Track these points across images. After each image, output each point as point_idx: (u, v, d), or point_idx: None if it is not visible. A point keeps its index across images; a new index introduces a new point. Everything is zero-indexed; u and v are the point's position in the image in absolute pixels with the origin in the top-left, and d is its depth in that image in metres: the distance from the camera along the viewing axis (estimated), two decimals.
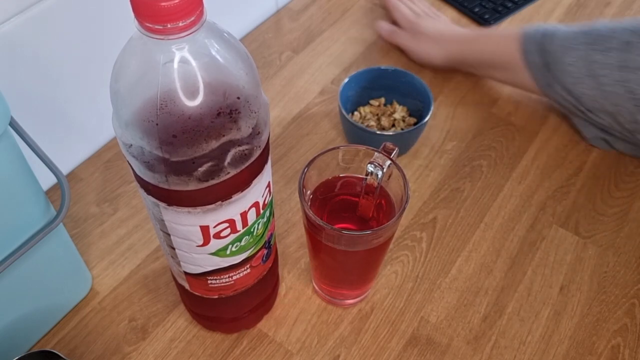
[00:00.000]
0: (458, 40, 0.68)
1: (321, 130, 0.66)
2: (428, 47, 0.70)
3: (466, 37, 0.68)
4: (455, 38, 0.69)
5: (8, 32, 0.47)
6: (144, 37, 0.28)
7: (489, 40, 0.66)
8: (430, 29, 0.70)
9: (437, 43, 0.69)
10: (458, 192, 0.60)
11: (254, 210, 0.37)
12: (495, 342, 0.50)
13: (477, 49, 0.67)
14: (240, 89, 0.31)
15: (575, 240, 0.56)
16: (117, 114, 0.31)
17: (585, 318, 0.51)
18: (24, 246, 0.40)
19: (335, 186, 0.47)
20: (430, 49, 0.70)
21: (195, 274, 0.41)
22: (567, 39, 0.58)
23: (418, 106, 0.62)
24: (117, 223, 0.57)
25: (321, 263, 0.48)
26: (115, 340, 0.49)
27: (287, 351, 0.49)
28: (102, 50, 0.55)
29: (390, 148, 0.43)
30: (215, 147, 0.31)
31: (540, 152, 0.64)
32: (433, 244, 0.56)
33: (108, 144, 0.64)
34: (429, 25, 0.71)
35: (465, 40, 0.68)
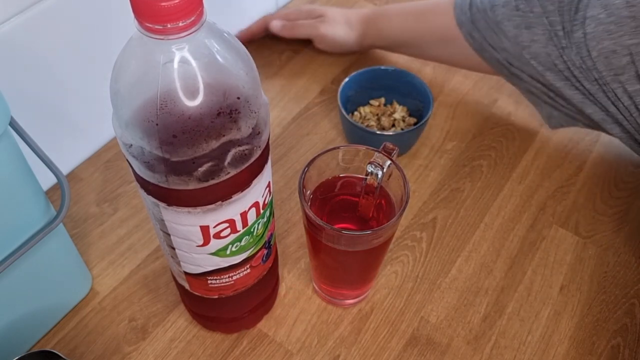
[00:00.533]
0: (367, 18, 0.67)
1: (321, 130, 0.66)
2: (339, 30, 0.68)
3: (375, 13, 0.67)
4: (364, 17, 0.67)
5: (8, 32, 0.47)
6: (144, 37, 0.28)
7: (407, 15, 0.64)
8: (337, 13, 0.69)
9: (347, 24, 0.68)
10: (458, 192, 0.60)
11: (254, 210, 0.37)
12: (495, 342, 0.50)
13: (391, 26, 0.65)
14: (240, 89, 0.31)
15: (575, 240, 0.56)
16: (117, 114, 0.31)
17: (585, 318, 0.51)
18: (24, 246, 0.40)
19: (335, 186, 0.47)
20: (341, 32, 0.68)
21: (195, 274, 0.41)
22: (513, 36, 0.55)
23: (418, 106, 0.62)
24: (117, 223, 0.57)
25: (321, 263, 0.48)
26: (115, 340, 0.49)
27: (287, 351, 0.49)
28: (102, 50, 0.55)
29: (390, 148, 0.43)
30: (215, 147, 0.31)
31: (540, 152, 0.64)
32: (433, 244, 0.56)
33: (108, 144, 0.64)
34: (334, 10, 0.69)
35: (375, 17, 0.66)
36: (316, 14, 0.70)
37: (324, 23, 0.68)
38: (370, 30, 0.67)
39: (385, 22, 0.66)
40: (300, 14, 0.72)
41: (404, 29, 0.65)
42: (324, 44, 0.70)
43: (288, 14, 0.72)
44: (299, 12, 0.72)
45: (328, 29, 0.68)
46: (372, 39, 0.68)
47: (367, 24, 0.67)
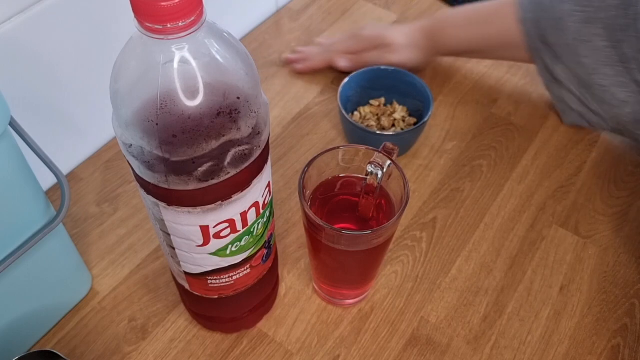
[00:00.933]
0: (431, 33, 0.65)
1: (321, 130, 0.66)
2: (406, 56, 0.66)
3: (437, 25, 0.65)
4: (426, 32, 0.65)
5: (8, 32, 0.47)
6: (144, 37, 0.28)
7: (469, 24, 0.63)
8: (399, 37, 0.66)
9: (413, 45, 0.66)
10: (458, 192, 0.60)
11: (254, 210, 0.37)
12: (495, 342, 0.50)
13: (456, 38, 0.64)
14: (240, 89, 0.31)
15: (575, 240, 0.56)
16: (117, 114, 0.31)
17: (585, 318, 0.51)
18: (24, 246, 0.40)
19: (335, 186, 0.47)
20: (409, 56, 0.66)
21: (195, 274, 0.41)
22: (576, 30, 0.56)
23: (418, 106, 0.62)
24: (117, 223, 0.57)
25: (321, 263, 0.48)
26: (115, 340, 0.49)
27: (287, 351, 0.49)
28: (102, 50, 0.55)
29: (390, 148, 0.43)
30: (215, 147, 0.31)
31: (540, 152, 0.64)
32: (433, 244, 0.56)
33: (108, 144, 0.64)
34: (396, 34, 0.66)
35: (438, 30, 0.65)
36: (379, 42, 0.66)
37: (391, 53, 0.66)
38: (435, 45, 0.66)
39: (449, 34, 0.65)
40: (361, 43, 0.68)
41: (469, 38, 0.64)
42: None
43: (349, 47, 0.68)
44: (360, 40, 0.68)
45: (396, 57, 0.66)
46: (438, 52, 0.67)
47: (432, 40, 0.65)
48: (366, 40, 0.67)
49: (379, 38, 0.66)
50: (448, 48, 0.66)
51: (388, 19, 0.80)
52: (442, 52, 0.67)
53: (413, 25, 0.67)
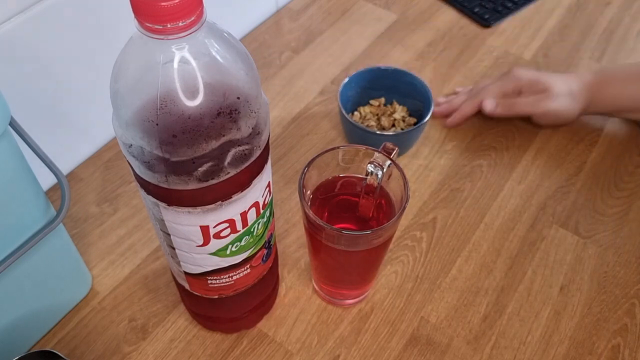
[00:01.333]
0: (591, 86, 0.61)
1: (321, 130, 0.66)
2: (563, 104, 0.61)
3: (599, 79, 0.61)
4: (587, 84, 0.61)
5: (8, 31, 0.47)
6: (144, 37, 0.28)
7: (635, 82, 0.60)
8: (560, 83, 0.61)
9: (571, 96, 0.61)
10: (458, 192, 0.60)
11: (254, 210, 0.37)
12: (495, 342, 0.50)
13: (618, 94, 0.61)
14: (240, 89, 0.31)
15: (575, 240, 0.56)
16: (117, 114, 0.31)
17: (585, 318, 0.51)
18: (24, 246, 0.40)
19: (335, 186, 0.47)
20: (566, 106, 0.61)
21: (195, 274, 0.41)
22: None
23: (418, 106, 0.62)
24: (117, 223, 0.57)
25: (321, 263, 0.48)
26: (115, 340, 0.49)
27: (287, 351, 0.49)
28: (102, 50, 0.55)
29: (390, 148, 0.43)
30: (215, 147, 0.31)
31: (540, 152, 0.64)
32: (433, 244, 0.56)
33: (108, 144, 0.64)
34: (556, 80, 0.62)
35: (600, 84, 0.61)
36: (539, 87, 0.61)
37: (549, 99, 0.61)
38: (595, 99, 0.62)
39: (612, 89, 0.61)
40: (517, 84, 0.63)
41: (628, 97, 0.61)
42: (546, 120, 0.63)
43: (503, 88, 0.63)
44: (515, 81, 0.63)
45: (552, 105, 0.61)
46: (595, 108, 0.62)
47: (592, 93, 0.61)
48: (522, 80, 0.62)
49: (537, 80, 0.62)
50: (607, 104, 0.62)
51: (388, 19, 0.80)
52: (598, 107, 0.63)
53: (571, 75, 0.63)
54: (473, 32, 0.78)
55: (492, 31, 0.78)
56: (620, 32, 0.78)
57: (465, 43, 0.77)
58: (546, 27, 0.79)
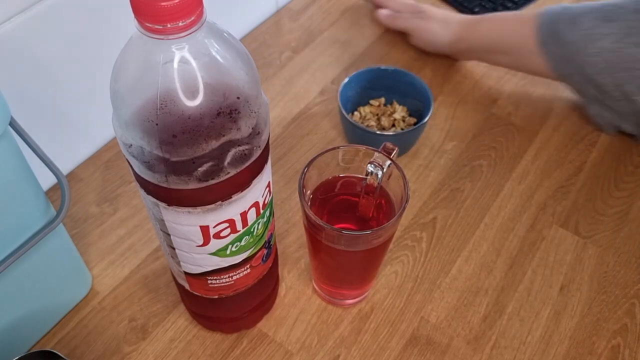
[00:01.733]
0: (466, 22, 0.68)
1: (321, 130, 0.66)
2: (435, 27, 0.70)
3: (475, 18, 0.68)
4: (463, 20, 0.69)
5: (8, 32, 0.47)
6: (144, 37, 0.28)
7: (500, 23, 0.66)
8: (437, 12, 0.71)
9: (445, 23, 0.70)
10: (458, 192, 0.60)
11: (254, 210, 0.37)
12: (495, 342, 0.50)
13: (486, 32, 0.67)
14: (240, 89, 0.31)
15: (575, 240, 0.56)
16: (117, 114, 0.31)
17: (585, 318, 0.51)
18: (24, 246, 0.40)
19: (335, 186, 0.47)
20: (438, 30, 0.70)
21: (195, 274, 0.41)
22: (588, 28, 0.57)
23: (418, 106, 0.62)
24: (117, 223, 0.57)
25: (321, 263, 0.48)
26: (115, 340, 0.49)
27: (287, 351, 0.49)
28: (102, 50, 0.55)
29: (390, 148, 0.43)
30: (215, 147, 0.31)
31: (540, 152, 0.64)
32: (433, 244, 0.56)
33: (108, 144, 0.64)
34: (435, 9, 0.72)
35: (474, 22, 0.68)
36: (418, 9, 0.72)
37: (422, 19, 0.71)
38: (466, 33, 0.68)
39: (484, 25, 0.67)
40: (404, 7, 0.74)
41: (502, 33, 0.65)
42: (418, 40, 0.72)
43: (394, 5, 0.75)
44: (404, 4, 0.74)
45: (426, 25, 0.71)
46: (467, 43, 0.69)
47: (465, 27, 0.68)
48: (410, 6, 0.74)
49: (419, 7, 0.73)
50: (477, 40, 0.68)
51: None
52: (470, 44, 0.68)
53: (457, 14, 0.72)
54: None
55: None
56: None
57: None
58: None
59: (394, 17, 0.74)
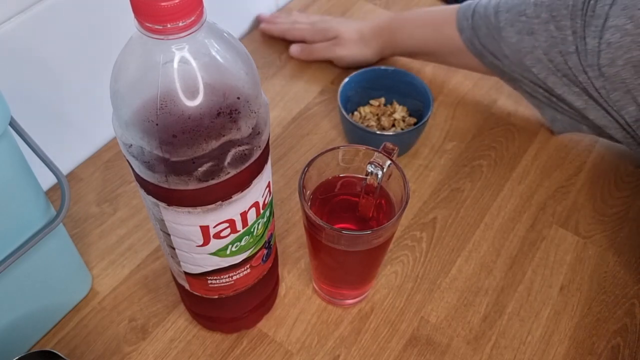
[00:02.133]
0: (384, 32, 0.66)
1: (321, 130, 0.66)
2: (355, 50, 0.68)
3: (390, 24, 0.66)
4: (379, 29, 0.67)
5: (8, 32, 0.47)
6: (144, 37, 0.28)
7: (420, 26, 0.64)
8: (349, 30, 0.68)
9: (362, 42, 0.67)
10: (458, 192, 0.60)
11: (254, 210, 0.37)
12: (495, 342, 0.50)
13: (407, 39, 0.65)
14: (240, 89, 0.31)
15: (575, 240, 0.56)
16: (117, 114, 0.31)
17: (585, 318, 0.51)
18: (24, 246, 0.40)
19: (335, 186, 0.47)
20: (358, 51, 0.68)
21: (195, 274, 0.41)
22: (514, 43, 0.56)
23: (418, 106, 0.62)
24: (117, 223, 0.57)
25: (321, 263, 0.48)
26: (115, 340, 0.49)
27: (287, 351, 0.49)
28: (102, 50, 0.55)
29: (390, 148, 0.43)
30: (215, 147, 0.31)
31: (540, 152, 0.64)
32: (433, 244, 0.56)
33: (108, 144, 0.64)
34: (344, 27, 0.69)
35: (392, 29, 0.66)
36: (330, 34, 0.69)
37: (339, 45, 0.68)
38: (385, 44, 0.67)
39: (399, 34, 0.66)
40: (315, 35, 0.70)
41: (417, 40, 0.65)
42: (343, 64, 0.70)
43: (304, 35, 0.71)
44: (315, 32, 0.71)
45: (344, 51, 0.68)
46: (389, 51, 0.68)
47: (382, 37, 0.67)
48: (320, 33, 0.70)
49: (331, 30, 0.69)
50: (397, 47, 0.67)
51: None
52: (392, 51, 0.68)
53: (368, 22, 0.69)
54: None
55: None
56: None
57: None
58: None
59: (308, 51, 0.71)
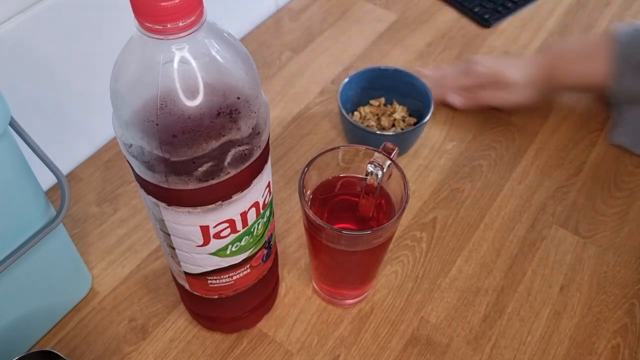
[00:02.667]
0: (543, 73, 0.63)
1: (321, 130, 0.66)
2: (523, 93, 0.63)
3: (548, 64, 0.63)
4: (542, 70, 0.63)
5: (8, 32, 0.47)
6: (144, 37, 0.28)
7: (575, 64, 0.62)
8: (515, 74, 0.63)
9: (530, 84, 0.63)
10: (458, 192, 0.60)
11: (254, 210, 0.37)
12: (495, 342, 0.50)
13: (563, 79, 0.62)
14: (240, 89, 0.31)
15: (575, 240, 0.56)
16: (117, 114, 0.31)
17: (585, 318, 0.51)
18: (24, 246, 0.40)
19: (335, 186, 0.47)
20: (527, 94, 0.63)
21: (195, 274, 0.41)
22: None
23: (418, 106, 0.62)
24: (117, 223, 0.57)
25: (321, 263, 0.48)
26: (115, 340, 0.49)
27: (287, 351, 0.49)
28: (102, 50, 0.55)
29: (390, 148, 0.43)
30: (215, 147, 0.31)
31: (540, 152, 0.64)
32: (433, 244, 0.56)
33: (108, 144, 0.64)
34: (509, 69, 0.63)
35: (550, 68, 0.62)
36: (495, 79, 0.63)
37: (507, 93, 0.63)
38: (551, 81, 0.63)
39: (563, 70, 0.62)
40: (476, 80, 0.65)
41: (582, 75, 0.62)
42: (509, 108, 0.66)
43: (463, 83, 0.66)
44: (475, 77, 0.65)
45: (513, 98, 0.64)
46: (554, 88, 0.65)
47: (547, 76, 0.63)
48: (481, 77, 0.64)
49: (494, 75, 0.63)
50: (560, 84, 0.64)
51: (388, 19, 0.80)
52: (556, 88, 0.65)
53: (528, 60, 0.65)
54: (473, 32, 0.78)
55: (492, 31, 0.78)
56: None
57: (465, 43, 0.77)
58: (546, 27, 0.79)
59: (472, 99, 0.65)
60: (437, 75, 0.68)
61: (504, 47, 0.76)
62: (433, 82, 0.66)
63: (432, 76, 0.68)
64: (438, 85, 0.66)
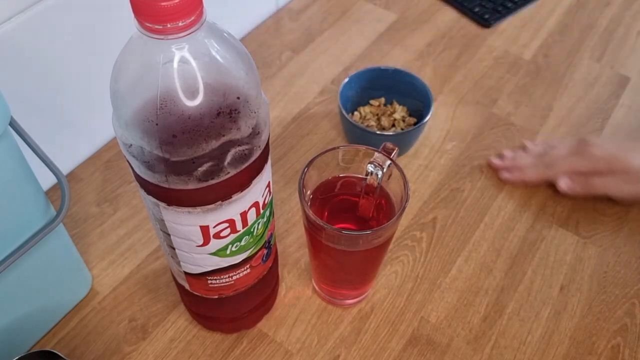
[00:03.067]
0: None
1: (321, 130, 0.66)
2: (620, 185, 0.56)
3: None
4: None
5: (8, 32, 0.47)
6: (143, 37, 0.28)
7: None
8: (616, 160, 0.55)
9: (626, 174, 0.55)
10: (458, 192, 0.60)
11: (254, 210, 0.37)
12: (495, 342, 0.50)
13: None
14: (240, 89, 0.31)
15: (575, 240, 0.56)
16: (117, 114, 0.31)
17: (585, 318, 0.51)
18: (24, 246, 0.40)
19: (335, 186, 0.47)
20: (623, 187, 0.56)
21: (195, 274, 0.41)
22: None
23: (418, 106, 0.62)
24: (117, 223, 0.57)
25: (321, 263, 0.48)
26: (115, 340, 0.49)
27: (287, 351, 0.49)
28: (102, 51, 0.55)
29: (390, 148, 0.43)
30: (215, 147, 0.31)
31: None
32: (433, 244, 0.56)
33: (108, 144, 0.64)
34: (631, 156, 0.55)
35: None
36: (614, 166, 0.55)
37: (628, 184, 0.55)
38: None
39: None
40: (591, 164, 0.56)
41: None
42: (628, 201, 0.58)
43: (576, 166, 0.57)
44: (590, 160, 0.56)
45: (634, 189, 0.56)
46: None
47: None
48: (599, 161, 0.56)
49: (614, 161, 0.55)
50: None
51: (388, 19, 0.80)
52: None
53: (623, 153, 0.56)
54: (473, 32, 0.78)
55: (492, 31, 0.78)
56: (620, 32, 0.78)
57: (465, 43, 0.77)
58: (546, 27, 0.79)
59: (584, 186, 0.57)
60: (541, 150, 0.61)
61: (504, 47, 0.76)
62: (538, 160, 0.60)
63: (536, 151, 0.61)
64: (543, 162, 0.59)
